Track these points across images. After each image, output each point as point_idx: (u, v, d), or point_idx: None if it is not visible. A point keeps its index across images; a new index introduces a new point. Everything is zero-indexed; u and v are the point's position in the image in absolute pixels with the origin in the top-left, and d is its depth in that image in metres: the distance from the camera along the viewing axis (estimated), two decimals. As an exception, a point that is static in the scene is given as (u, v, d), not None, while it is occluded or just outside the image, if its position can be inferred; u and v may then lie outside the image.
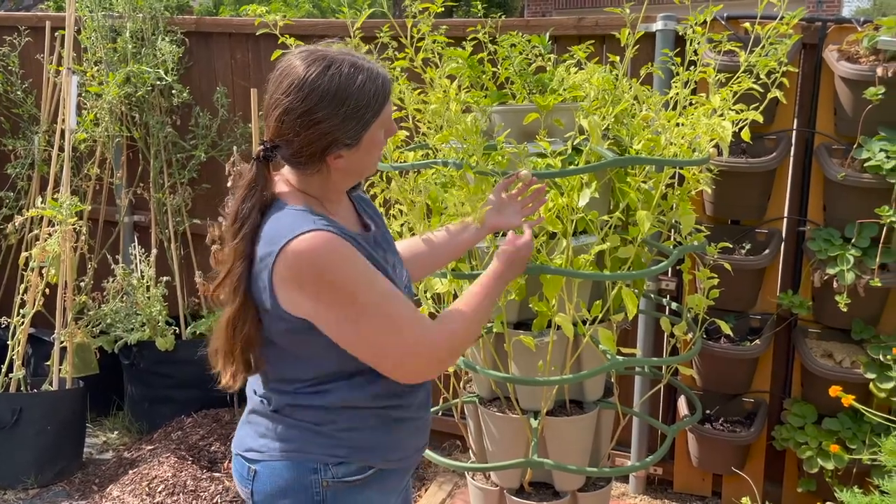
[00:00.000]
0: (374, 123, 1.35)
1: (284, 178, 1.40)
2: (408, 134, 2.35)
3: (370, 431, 1.40)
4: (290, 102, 1.29)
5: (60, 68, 3.54)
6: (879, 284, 2.40)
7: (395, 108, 2.26)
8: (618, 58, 2.26)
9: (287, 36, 2.16)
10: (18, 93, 3.95)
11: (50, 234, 3.20)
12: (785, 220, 2.81)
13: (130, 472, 3.09)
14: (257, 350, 1.35)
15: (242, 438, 1.45)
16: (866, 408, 1.87)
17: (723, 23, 2.64)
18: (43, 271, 3.25)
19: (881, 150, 2.43)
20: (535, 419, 2.28)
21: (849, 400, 1.63)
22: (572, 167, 2.03)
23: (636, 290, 2.38)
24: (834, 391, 1.69)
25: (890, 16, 2.47)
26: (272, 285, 1.28)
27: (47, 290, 3.30)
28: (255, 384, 1.46)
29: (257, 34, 3.41)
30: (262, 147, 1.36)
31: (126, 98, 3.58)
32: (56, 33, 3.79)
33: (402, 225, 2.38)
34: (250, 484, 1.40)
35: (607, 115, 2.08)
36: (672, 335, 2.35)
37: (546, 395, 2.26)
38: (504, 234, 2.17)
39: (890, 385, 2.48)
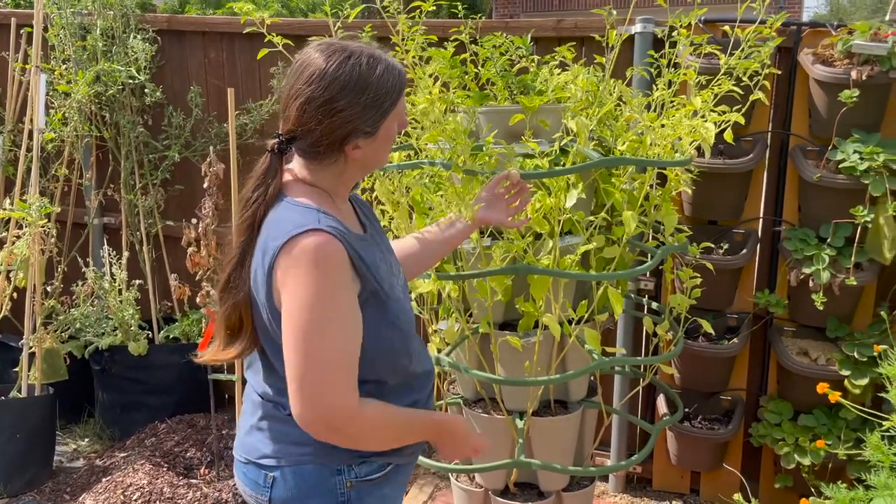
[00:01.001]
0: (391, 113, 1.37)
1: (293, 172, 1.40)
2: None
3: None
4: (313, 92, 1.31)
5: (27, 66, 3.45)
6: (855, 283, 2.46)
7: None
8: (603, 59, 2.28)
9: (274, 34, 2.13)
10: (-18, 91, 3.84)
11: (18, 237, 3.11)
12: (761, 220, 2.85)
13: (104, 479, 3.02)
14: (244, 335, 1.37)
15: (254, 445, 1.42)
16: (842, 404, 1.91)
17: (701, 26, 2.67)
18: (10, 275, 3.16)
19: (855, 151, 2.48)
20: (521, 420, 2.28)
21: (835, 396, 1.66)
22: (559, 168, 2.04)
23: (620, 290, 2.40)
24: (822, 388, 1.72)
25: (847, 21, 2.53)
26: (270, 278, 1.29)
27: (15, 295, 3.21)
28: (262, 389, 1.44)
29: (241, 32, 3.36)
30: (277, 139, 1.38)
31: (96, 97, 3.50)
32: (22, 30, 3.69)
33: (389, 222, 2.37)
34: (268, 491, 1.38)
35: (594, 116, 2.09)
36: (655, 334, 2.37)
37: (532, 395, 2.26)
38: (490, 234, 2.17)
39: (864, 381, 2.53)
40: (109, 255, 3.50)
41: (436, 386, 2.51)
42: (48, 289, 3.47)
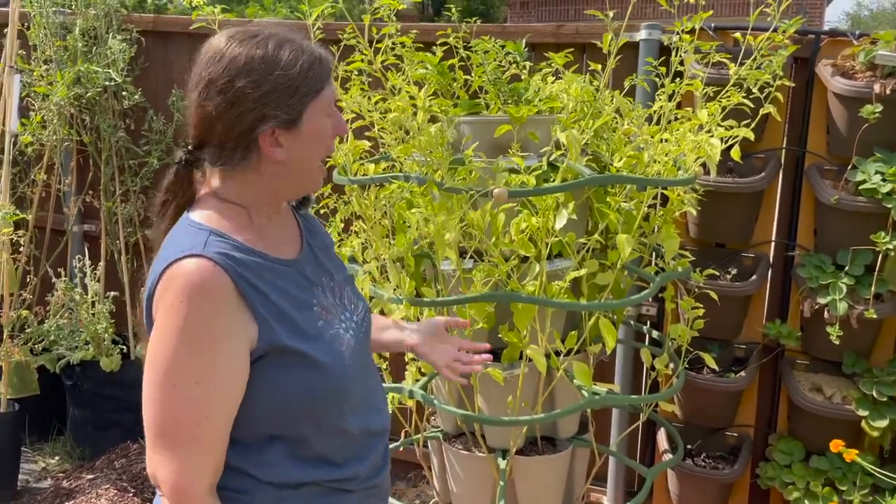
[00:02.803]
0: (314, 103, 1.15)
1: (209, 186, 1.20)
2: (371, 144, 2.16)
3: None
4: (211, 73, 1.12)
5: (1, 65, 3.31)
6: (875, 316, 2.24)
7: (353, 115, 2.08)
8: (599, 66, 2.09)
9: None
10: (-38, 92, 3.70)
11: (-15, 245, 2.96)
12: (773, 244, 2.64)
13: (66, 504, 2.85)
14: None
15: None
16: (858, 450, 1.70)
17: (711, 33, 2.48)
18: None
19: (877, 172, 2.27)
20: (504, 459, 2.09)
21: (851, 455, 1.46)
22: (547, 185, 1.85)
23: (614, 318, 2.20)
24: (836, 446, 1.51)
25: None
26: (151, 311, 1.11)
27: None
28: None
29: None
30: (186, 148, 1.17)
31: (76, 99, 3.34)
32: (4, 30, 3.55)
33: (362, 243, 2.19)
34: None
35: (587, 129, 1.89)
36: (653, 368, 2.17)
37: (516, 433, 2.06)
38: (472, 256, 1.98)
39: (884, 423, 2.31)
40: (87, 264, 3.34)
41: (413, 418, 2.33)
42: (23, 298, 3.32)
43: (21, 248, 3.22)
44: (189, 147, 1.16)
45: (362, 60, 1.98)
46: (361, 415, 1.24)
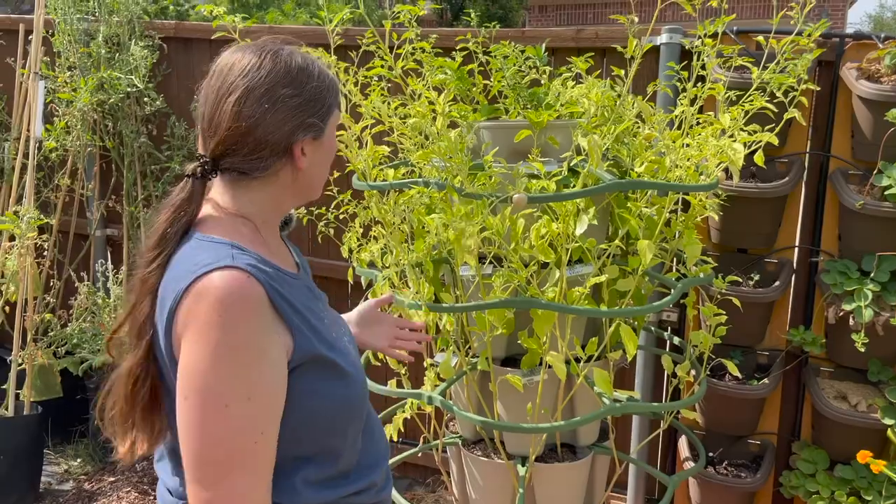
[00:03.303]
0: (334, 113, 1.20)
1: (213, 202, 1.16)
2: (390, 149, 2.16)
3: None
4: (250, 82, 1.11)
5: (25, 72, 3.35)
6: (901, 323, 2.21)
7: (373, 121, 2.08)
8: (622, 72, 2.07)
9: (249, 40, 1.96)
10: (-11, 98, 3.76)
11: (10, 249, 3.00)
12: (796, 249, 2.61)
13: (88, 506, 2.87)
14: (163, 412, 1.11)
15: None
16: (887, 453, 1.67)
17: (733, 37, 2.45)
18: (2, 288, 3.04)
19: (903, 176, 2.24)
20: (523, 465, 2.07)
21: (879, 466, 1.43)
22: (568, 190, 1.84)
23: (635, 324, 2.18)
24: (863, 457, 1.48)
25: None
26: (171, 333, 1.05)
27: (6, 308, 3.09)
28: (173, 484, 1.16)
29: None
30: (203, 160, 1.14)
31: (99, 105, 3.38)
32: (30, 37, 3.60)
33: (381, 248, 2.19)
34: None
35: (608, 134, 1.88)
36: (674, 375, 2.15)
37: (535, 440, 2.05)
38: (491, 262, 1.98)
39: (910, 432, 2.27)
40: (108, 268, 3.37)
41: (432, 424, 2.32)
42: (47, 302, 3.36)
43: (45, 253, 3.25)
44: (207, 159, 1.14)
45: (382, 66, 1.98)
46: (373, 423, 1.27)
